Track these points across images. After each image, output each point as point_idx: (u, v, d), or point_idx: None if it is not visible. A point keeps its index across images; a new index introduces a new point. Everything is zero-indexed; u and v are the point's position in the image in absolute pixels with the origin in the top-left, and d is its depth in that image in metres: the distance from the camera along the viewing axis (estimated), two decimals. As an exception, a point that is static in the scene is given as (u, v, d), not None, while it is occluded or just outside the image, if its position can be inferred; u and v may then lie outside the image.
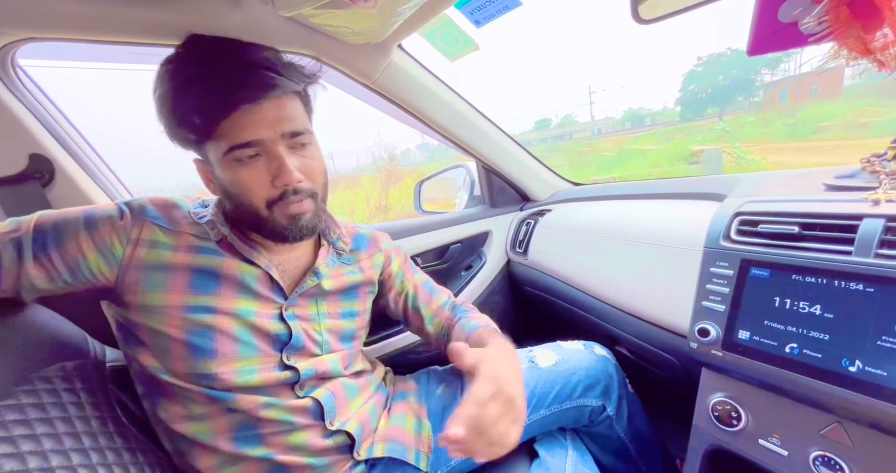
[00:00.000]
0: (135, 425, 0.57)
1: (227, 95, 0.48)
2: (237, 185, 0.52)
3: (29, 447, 0.43)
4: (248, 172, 0.51)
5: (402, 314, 0.78)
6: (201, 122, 0.49)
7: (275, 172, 0.51)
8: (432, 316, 0.76)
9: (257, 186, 0.51)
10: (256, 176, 0.51)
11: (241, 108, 0.48)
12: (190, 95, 0.49)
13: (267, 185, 0.52)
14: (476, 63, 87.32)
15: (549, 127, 57.06)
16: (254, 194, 0.52)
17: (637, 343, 0.81)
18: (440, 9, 0.72)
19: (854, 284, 0.44)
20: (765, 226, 0.54)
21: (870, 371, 0.41)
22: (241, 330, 0.55)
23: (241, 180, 0.51)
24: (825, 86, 22.28)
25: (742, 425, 0.54)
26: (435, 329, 0.76)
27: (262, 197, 0.52)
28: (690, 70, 41.58)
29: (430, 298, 0.78)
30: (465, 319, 0.74)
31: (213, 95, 0.48)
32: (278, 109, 0.51)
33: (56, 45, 0.67)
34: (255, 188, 0.51)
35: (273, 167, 0.51)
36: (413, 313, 0.77)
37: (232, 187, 0.52)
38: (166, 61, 0.52)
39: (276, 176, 0.51)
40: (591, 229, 0.96)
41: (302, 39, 0.75)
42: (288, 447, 0.56)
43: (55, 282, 0.51)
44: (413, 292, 0.77)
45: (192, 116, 0.49)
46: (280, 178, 0.51)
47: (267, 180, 0.51)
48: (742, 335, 0.52)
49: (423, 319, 0.76)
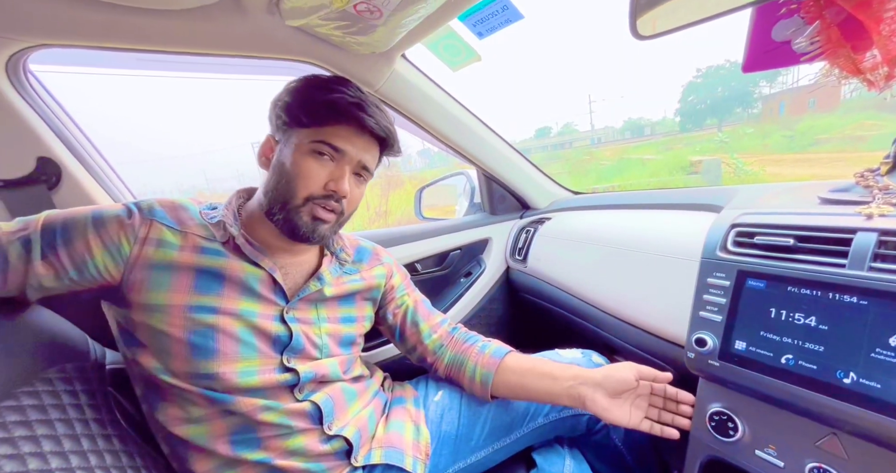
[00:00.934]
0: (133, 428, 0.57)
1: (353, 111, 0.57)
2: (298, 167, 0.57)
3: (29, 448, 0.43)
4: (315, 163, 0.57)
5: (399, 328, 0.76)
6: (322, 113, 0.57)
7: (334, 178, 0.58)
8: (430, 331, 0.76)
9: (313, 177, 0.57)
10: (318, 171, 0.57)
11: (355, 126, 0.58)
12: (328, 95, 0.57)
13: (320, 182, 0.58)
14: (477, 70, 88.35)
15: (549, 135, 57.45)
16: (305, 182, 0.57)
17: (635, 353, 0.81)
18: (444, 21, 0.73)
19: (848, 296, 0.44)
20: (761, 238, 0.55)
21: (864, 383, 0.42)
22: (242, 331, 0.56)
23: (307, 166, 0.57)
24: (823, 99, 22.50)
25: (739, 435, 0.54)
26: (432, 346, 0.75)
27: (309, 189, 0.57)
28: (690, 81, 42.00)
29: (429, 314, 0.78)
30: (483, 342, 0.74)
31: (345, 105, 0.57)
32: (369, 146, 0.61)
33: (66, 50, 0.68)
34: (310, 178, 0.57)
35: (335, 174, 0.58)
36: (411, 326, 0.76)
37: (293, 167, 0.57)
38: (316, 74, 0.62)
39: (332, 180, 0.58)
40: (591, 238, 0.97)
41: (307, 48, 0.76)
42: (286, 451, 0.56)
43: (61, 280, 0.51)
44: (413, 307, 0.77)
45: (317, 107, 0.56)
46: (335, 183, 0.58)
47: (323, 178, 0.58)
48: (739, 346, 0.53)
49: (420, 333, 0.75)
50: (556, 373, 0.65)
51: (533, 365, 0.68)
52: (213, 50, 0.72)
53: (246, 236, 0.59)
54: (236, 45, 0.72)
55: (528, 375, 0.67)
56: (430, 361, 0.76)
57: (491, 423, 0.70)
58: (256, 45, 0.73)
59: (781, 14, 0.42)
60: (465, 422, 0.71)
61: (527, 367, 0.68)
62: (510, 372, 0.68)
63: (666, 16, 0.48)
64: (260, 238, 0.61)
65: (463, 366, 0.72)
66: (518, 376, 0.68)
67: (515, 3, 0.74)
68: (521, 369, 0.68)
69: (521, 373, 0.68)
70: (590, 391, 0.61)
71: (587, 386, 0.61)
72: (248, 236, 0.60)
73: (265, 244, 0.61)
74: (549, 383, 0.65)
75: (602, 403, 0.59)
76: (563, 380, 0.64)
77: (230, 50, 0.73)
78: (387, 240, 1.05)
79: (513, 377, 0.68)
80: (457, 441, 0.69)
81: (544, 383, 0.65)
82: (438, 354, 0.75)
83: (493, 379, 0.68)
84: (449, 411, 0.72)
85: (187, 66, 0.82)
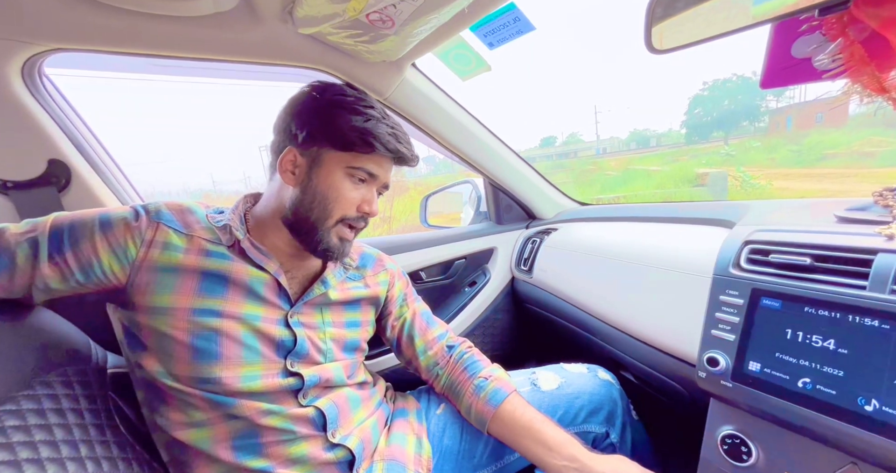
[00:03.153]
0: (132, 435, 0.56)
1: (394, 145, 0.59)
2: (336, 191, 0.59)
3: (26, 454, 0.42)
4: (351, 187, 0.59)
5: (396, 340, 0.75)
6: (360, 143, 0.57)
7: (367, 200, 0.61)
8: (425, 348, 0.73)
9: (350, 201, 0.59)
10: (354, 194, 0.60)
11: (389, 157, 0.60)
12: (360, 121, 0.58)
13: (355, 204, 0.60)
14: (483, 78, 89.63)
15: (555, 144, 57.60)
16: (342, 205, 0.59)
17: (642, 369, 0.79)
18: (455, 31, 0.73)
19: (869, 319, 0.43)
20: (776, 256, 0.53)
21: (887, 412, 0.40)
22: (246, 335, 0.55)
23: (343, 189, 0.59)
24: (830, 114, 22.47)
25: (752, 460, 0.52)
26: (426, 363, 0.73)
27: (343, 211, 0.59)
28: (696, 94, 42.10)
29: (426, 328, 0.75)
30: (479, 379, 0.68)
31: (387, 138, 0.58)
32: (391, 166, 0.64)
33: (80, 54, 0.69)
34: (347, 202, 0.59)
35: (367, 196, 0.61)
36: (407, 340, 0.74)
37: (330, 190, 0.58)
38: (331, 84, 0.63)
39: (366, 202, 0.61)
40: (598, 250, 0.95)
41: (319, 56, 0.77)
42: (288, 459, 0.55)
43: (67, 282, 0.51)
44: (410, 320, 0.75)
45: (355, 134, 0.57)
46: (368, 206, 0.61)
47: (357, 201, 0.60)
48: (753, 367, 0.51)
49: (415, 348, 0.73)
50: (552, 443, 0.59)
51: (530, 425, 0.62)
52: (226, 56, 0.72)
53: (251, 240, 0.59)
54: (249, 52, 0.72)
55: (523, 437, 0.62)
56: (425, 378, 0.75)
57: (494, 440, 0.68)
58: (269, 52, 0.73)
59: (802, 31, 0.41)
60: (468, 438, 0.69)
61: (523, 425, 0.62)
62: (503, 426, 0.64)
63: (682, 30, 0.47)
64: (268, 243, 0.61)
65: (459, 398, 0.69)
66: (511, 433, 0.63)
67: (527, 15, 0.75)
68: (516, 426, 0.63)
69: (516, 430, 0.63)
70: None
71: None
72: (255, 240, 0.60)
73: (272, 249, 0.61)
74: (542, 452, 0.59)
75: None
76: (558, 457, 0.58)
77: (243, 56, 0.73)
78: (392, 247, 1.05)
79: (505, 432, 0.64)
80: (459, 456, 0.68)
81: (538, 451, 0.60)
82: (433, 373, 0.73)
83: (488, 425, 0.65)
84: (451, 425, 0.71)
85: (199, 71, 0.83)
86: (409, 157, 0.62)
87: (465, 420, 0.70)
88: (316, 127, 0.57)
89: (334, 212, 0.59)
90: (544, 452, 0.59)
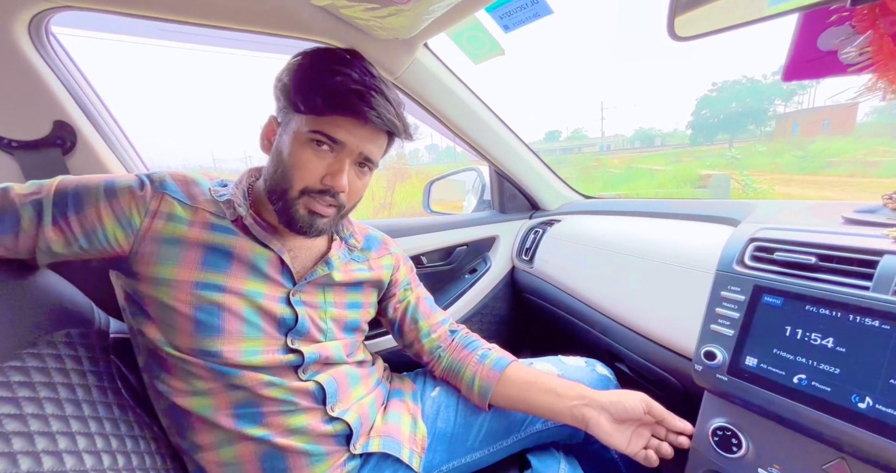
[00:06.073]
0: (133, 398, 0.57)
1: (353, 101, 0.52)
2: (295, 158, 0.54)
3: (31, 409, 0.43)
4: (312, 155, 0.54)
5: (399, 324, 0.75)
6: (320, 102, 0.52)
7: (331, 172, 0.55)
8: (429, 331, 0.74)
9: (309, 170, 0.54)
10: (315, 163, 0.54)
11: (353, 117, 0.53)
12: (328, 79, 0.53)
13: (316, 175, 0.54)
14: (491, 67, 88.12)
15: (559, 139, 57.19)
16: (301, 174, 0.54)
17: (638, 361, 0.80)
18: (472, 11, 0.72)
19: (870, 320, 0.43)
20: (780, 254, 0.53)
21: (880, 410, 0.41)
22: (248, 311, 0.55)
23: (303, 157, 0.54)
24: (837, 121, 22.30)
25: (742, 452, 0.53)
26: (429, 345, 0.74)
27: (305, 181, 0.54)
28: (704, 95, 41.69)
29: (430, 312, 0.76)
30: (483, 350, 0.72)
31: (345, 93, 0.52)
32: (373, 135, 0.56)
33: (88, 14, 0.67)
34: (307, 171, 0.54)
35: (332, 167, 0.55)
36: (410, 323, 0.74)
37: (290, 157, 0.55)
38: (322, 49, 0.58)
39: (329, 174, 0.55)
40: (601, 243, 0.96)
41: (330, 29, 0.75)
42: (287, 429, 0.56)
43: (71, 247, 0.51)
44: (414, 303, 0.75)
45: (316, 94, 0.52)
46: (331, 178, 0.55)
47: (320, 172, 0.54)
48: (749, 362, 0.52)
49: (419, 331, 0.74)
50: (560, 390, 0.63)
51: (536, 379, 0.66)
52: (235, 24, 0.71)
53: (254, 216, 0.59)
54: (259, 21, 0.71)
55: (531, 389, 0.65)
56: (426, 360, 0.75)
57: (488, 426, 0.69)
58: (280, 22, 0.72)
59: (831, 22, 0.40)
60: (462, 422, 0.70)
61: (530, 380, 0.66)
62: (511, 384, 0.66)
63: (706, 17, 0.46)
64: (268, 220, 0.60)
65: (460, 374, 0.71)
66: (519, 389, 0.66)
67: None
68: (523, 381, 0.66)
69: (523, 386, 0.65)
70: (594, 414, 0.59)
71: (592, 408, 0.59)
72: (257, 216, 0.59)
73: (273, 226, 0.60)
74: (552, 399, 0.63)
75: (605, 427, 0.57)
76: (567, 398, 0.61)
77: (253, 25, 0.72)
78: (395, 231, 1.04)
79: (514, 390, 0.66)
80: (452, 439, 0.69)
81: (547, 398, 0.63)
82: (435, 355, 0.74)
83: (493, 390, 0.67)
84: (445, 408, 0.72)
85: (207, 39, 0.81)
86: (375, 120, 0.53)
87: (462, 402, 0.71)
88: (286, 90, 0.55)
89: (295, 182, 0.54)
90: (553, 399, 0.63)
